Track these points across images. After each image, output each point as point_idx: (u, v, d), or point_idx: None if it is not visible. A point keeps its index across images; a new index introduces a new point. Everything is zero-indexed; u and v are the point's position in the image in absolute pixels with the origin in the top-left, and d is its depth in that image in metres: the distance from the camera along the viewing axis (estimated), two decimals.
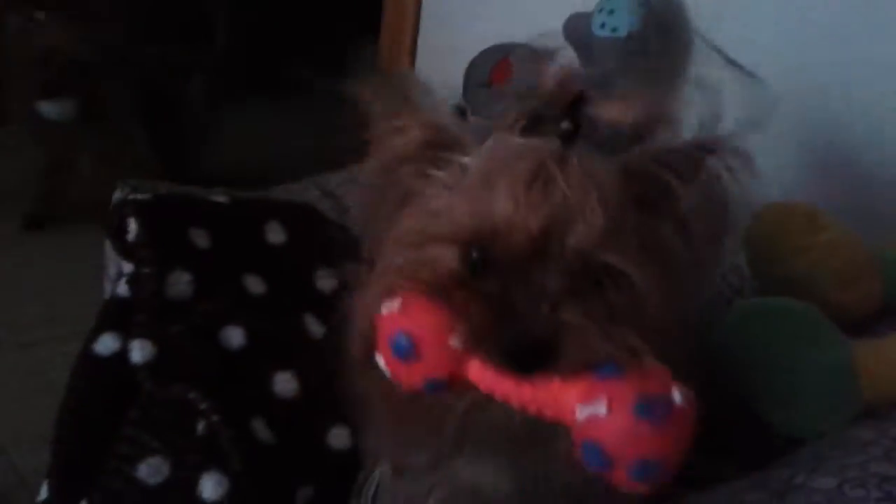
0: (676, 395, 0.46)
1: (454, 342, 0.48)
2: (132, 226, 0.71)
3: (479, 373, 0.49)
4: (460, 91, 1.19)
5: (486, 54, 1.19)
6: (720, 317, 0.82)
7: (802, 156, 0.99)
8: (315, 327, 0.78)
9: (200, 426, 0.67)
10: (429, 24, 1.43)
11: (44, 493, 0.73)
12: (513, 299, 0.47)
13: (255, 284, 0.77)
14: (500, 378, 0.48)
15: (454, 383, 0.50)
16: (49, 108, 1.37)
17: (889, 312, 0.78)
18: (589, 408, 0.45)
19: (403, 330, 0.50)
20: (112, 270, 0.87)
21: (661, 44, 1.04)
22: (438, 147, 0.55)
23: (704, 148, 0.52)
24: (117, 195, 0.87)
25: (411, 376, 0.50)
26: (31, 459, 0.95)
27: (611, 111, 0.53)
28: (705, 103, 0.53)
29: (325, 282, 0.81)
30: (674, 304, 0.51)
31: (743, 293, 0.83)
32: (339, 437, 0.72)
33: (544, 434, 0.50)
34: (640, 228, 0.50)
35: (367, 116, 0.56)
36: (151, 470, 0.66)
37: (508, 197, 0.49)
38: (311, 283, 0.81)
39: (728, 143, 0.51)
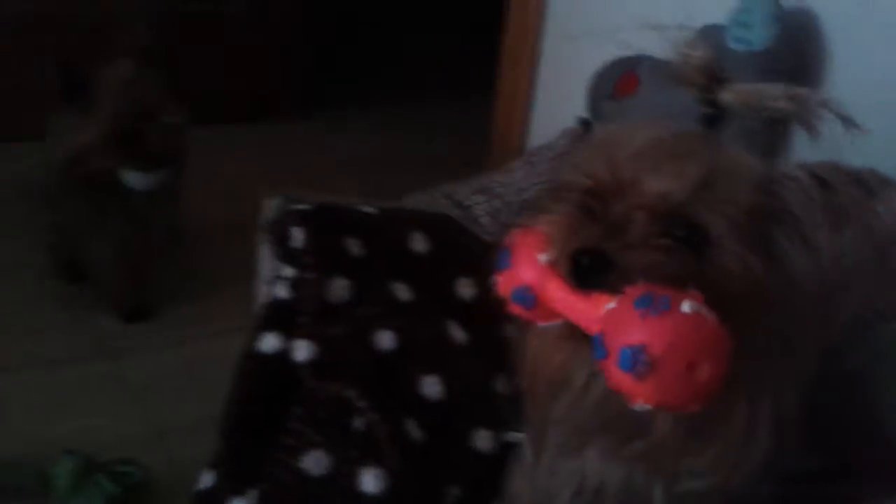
0: (685, 304, 0.47)
1: (541, 257, 0.55)
2: (296, 234, 0.77)
3: (554, 289, 0.54)
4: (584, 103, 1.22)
5: (611, 67, 1.21)
6: (859, 339, 0.81)
7: None
8: (458, 333, 0.82)
9: (358, 423, 0.72)
10: (552, 34, 1.45)
11: (207, 480, 0.79)
12: (595, 228, 0.53)
13: (402, 291, 0.82)
14: (566, 293, 0.53)
15: (539, 305, 0.56)
16: (138, 180, 1.10)
17: None
18: (607, 306, 0.49)
19: (506, 246, 0.59)
20: (266, 273, 0.93)
21: (795, 60, 1.04)
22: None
23: (867, 188, 0.54)
24: (272, 204, 0.93)
25: (505, 286, 0.58)
26: (187, 449, 1.02)
27: (744, 95, 0.57)
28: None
29: (466, 290, 0.85)
30: (779, 307, 0.53)
31: (886, 317, 0.82)
32: (483, 440, 0.76)
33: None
34: (763, 224, 0.52)
35: None
36: (314, 462, 0.71)
37: (619, 148, 0.55)
38: (452, 291, 0.85)
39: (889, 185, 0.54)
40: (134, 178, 1.08)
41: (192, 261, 1.46)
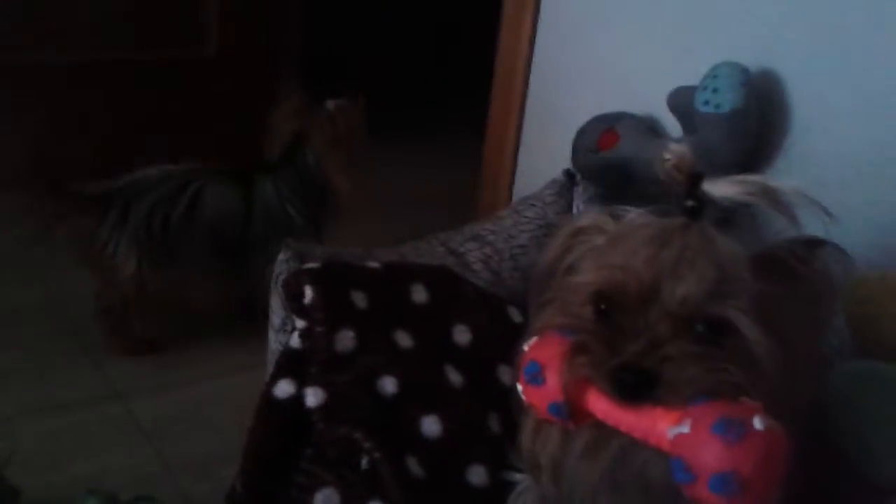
0: (757, 421, 0.52)
1: (574, 372, 0.58)
2: (308, 291, 0.85)
3: (596, 402, 0.58)
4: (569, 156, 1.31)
5: (593, 123, 1.30)
6: (823, 376, 0.89)
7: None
8: (454, 376, 0.89)
9: (364, 462, 0.79)
10: (536, 92, 1.54)
11: None
12: (625, 338, 0.56)
13: (403, 339, 0.89)
14: (611, 406, 0.57)
15: (575, 412, 0.59)
16: None
17: None
18: (676, 428, 0.54)
19: (534, 358, 0.61)
20: (276, 321, 1.00)
21: (760, 120, 1.13)
22: (581, 234, 0.66)
23: (816, 243, 0.61)
24: (281, 257, 1.01)
25: (539, 400, 0.61)
26: (199, 485, 1.09)
27: (722, 189, 0.62)
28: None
29: (462, 336, 0.93)
30: (787, 377, 0.58)
31: (843, 354, 0.90)
32: (477, 475, 0.83)
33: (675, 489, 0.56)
34: (761, 300, 0.57)
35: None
36: (325, 499, 0.78)
37: (628, 253, 0.59)
38: (449, 337, 0.92)
39: (831, 242, 0.61)
40: None
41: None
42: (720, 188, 0.61)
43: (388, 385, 0.85)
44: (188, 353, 1.41)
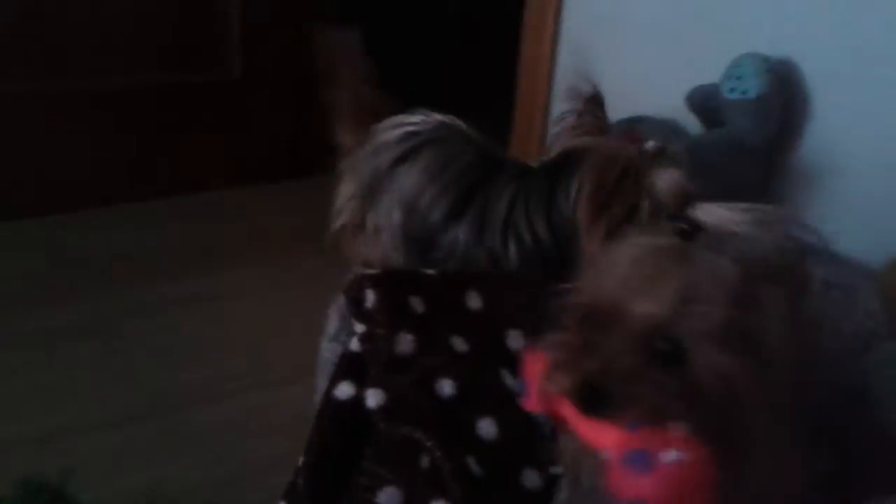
0: (667, 455, 0.55)
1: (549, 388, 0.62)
2: (370, 295, 0.88)
3: (568, 413, 0.62)
4: None
5: (615, 125, 1.33)
6: (858, 359, 0.92)
7: None
8: (510, 380, 0.92)
9: (425, 461, 0.82)
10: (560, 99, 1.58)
11: None
12: (589, 357, 0.59)
13: (459, 344, 0.92)
14: (574, 414, 0.61)
15: (557, 419, 0.64)
16: None
17: None
18: (603, 453, 0.59)
19: (523, 374, 0.69)
20: (331, 329, 1.03)
21: (783, 105, 1.18)
22: None
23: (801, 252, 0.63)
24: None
25: (530, 408, 0.67)
26: (258, 491, 1.11)
27: (716, 216, 0.65)
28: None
29: (515, 341, 0.95)
30: (764, 385, 0.59)
31: (880, 337, 0.92)
32: (530, 478, 0.85)
33: None
34: (737, 321, 0.58)
35: None
36: (389, 497, 0.80)
37: (607, 272, 0.62)
38: (503, 342, 0.95)
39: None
40: None
41: None
42: (711, 213, 0.65)
43: (446, 387, 0.87)
44: (231, 366, 1.43)
